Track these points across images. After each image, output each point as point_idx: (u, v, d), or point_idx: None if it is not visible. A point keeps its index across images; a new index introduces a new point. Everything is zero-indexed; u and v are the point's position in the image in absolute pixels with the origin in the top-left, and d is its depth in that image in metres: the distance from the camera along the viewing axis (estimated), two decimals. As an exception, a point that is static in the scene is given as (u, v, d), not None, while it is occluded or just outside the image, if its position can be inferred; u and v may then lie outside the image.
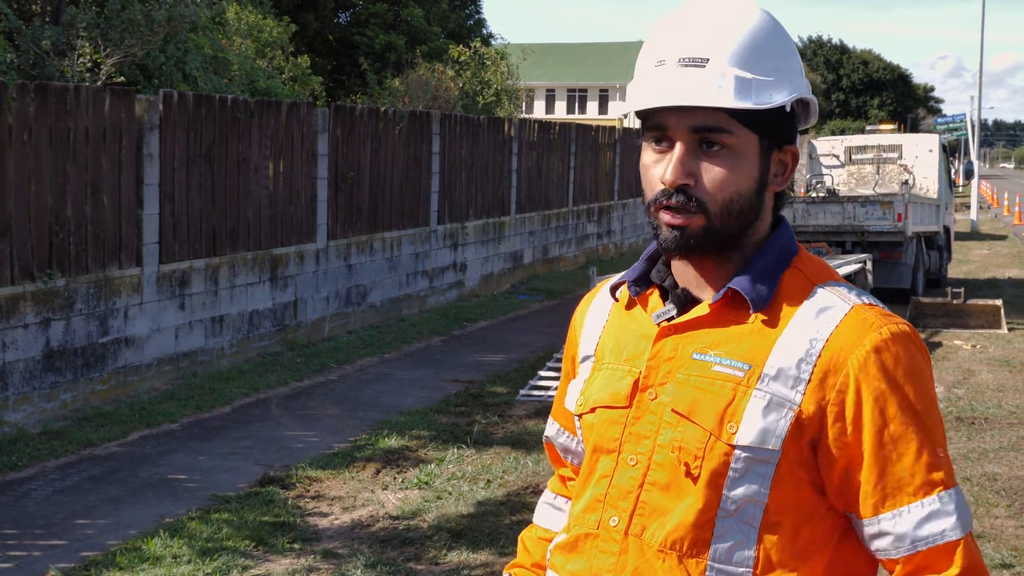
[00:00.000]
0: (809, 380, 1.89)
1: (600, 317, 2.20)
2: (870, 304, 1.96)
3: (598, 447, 2.08)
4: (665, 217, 1.97)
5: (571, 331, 2.30)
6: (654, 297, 2.10)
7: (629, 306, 2.13)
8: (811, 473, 1.92)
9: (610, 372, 2.10)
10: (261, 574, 6.28)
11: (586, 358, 2.20)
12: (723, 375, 1.94)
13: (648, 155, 1.99)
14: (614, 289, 2.17)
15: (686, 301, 2.04)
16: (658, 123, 1.96)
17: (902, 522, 1.87)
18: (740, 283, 1.96)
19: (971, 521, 1.89)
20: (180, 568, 6.27)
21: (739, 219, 1.97)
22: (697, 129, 1.92)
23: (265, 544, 6.69)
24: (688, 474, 1.94)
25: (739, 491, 1.91)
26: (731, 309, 1.98)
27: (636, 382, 2.03)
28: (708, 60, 1.90)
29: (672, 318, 2.03)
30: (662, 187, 1.96)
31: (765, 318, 1.96)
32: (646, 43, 2.01)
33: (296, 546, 6.68)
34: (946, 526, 1.86)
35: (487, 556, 6.58)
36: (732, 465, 1.91)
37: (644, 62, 1.98)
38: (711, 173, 1.93)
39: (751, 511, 1.91)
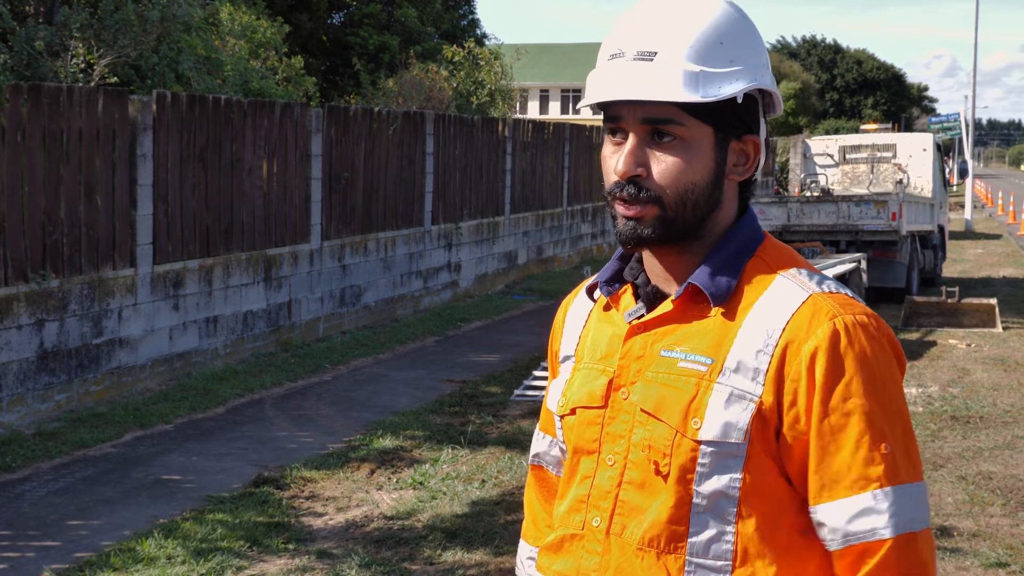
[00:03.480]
0: (767, 371, 1.89)
1: (580, 317, 2.21)
2: (830, 292, 1.94)
3: (579, 448, 2.09)
4: (620, 208, 1.99)
5: (553, 331, 2.31)
6: (627, 296, 2.10)
7: (606, 307, 2.14)
8: (780, 463, 1.92)
9: (586, 372, 2.11)
10: (255, 574, 6.27)
11: (566, 358, 2.21)
12: (688, 371, 1.94)
13: (607, 147, 2.01)
14: (591, 290, 2.18)
15: (655, 298, 2.05)
16: (613, 115, 1.98)
17: (834, 515, 1.87)
18: (699, 277, 1.96)
19: (914, 522, 1.86)
20: (174, 569, 6.26)
21: (695, 210, 1.97)
22: (648, 120, 1.94)
23: (259, 544, 6.68)
24: (658, 472, 1.94)
25: (709, 486, 1.91)
26: (693, 304, 1.98)
27: (610, 382, 2.04)
28: (657, 53, 1.91)
29: (642, 316, 2.04)
30: (616, 178, 1.98)
31: (726, 310, 1.95)
32: (605, 37, 2.02)
33: (290, 546, 6.67)
34: (877, 524, 1.84)
35: (482, 556, 6.57)
36: (699, 460, 1.91)
37: (600, 55, 2.00)
38: (662, 164, 1.94)
39: (724, 505, 1.91)
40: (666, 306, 2.00)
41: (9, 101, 8.93)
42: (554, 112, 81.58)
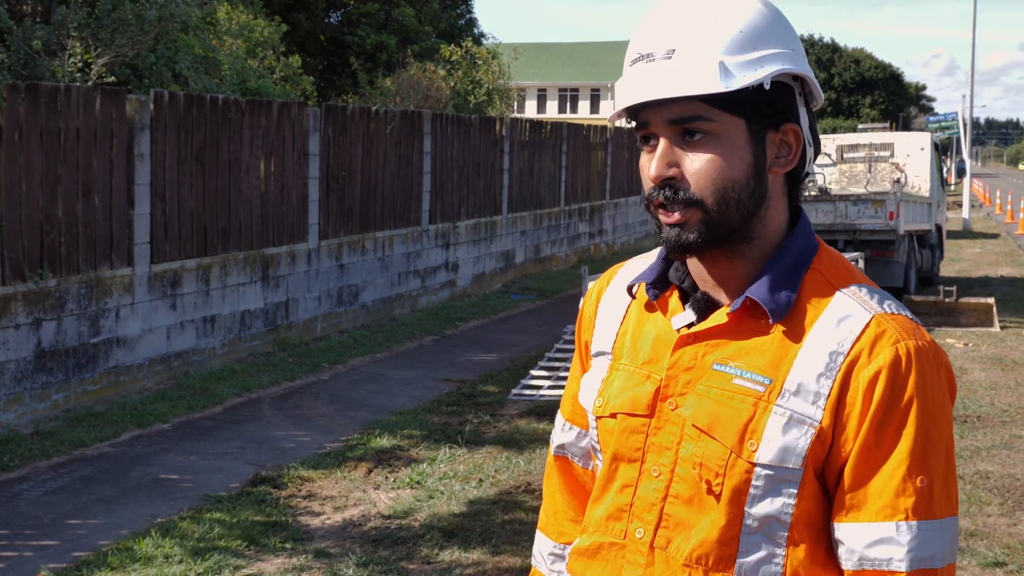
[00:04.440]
0: (829, 395, 1.84)
1: (617, 311, 2.14)
2: (892, 313, 1.88)
3: (619, 455, 2.02)
4: (662, 216, 1.91)
5: (583, 319, 2.22)
6: (673, 299, 2.03)
7: (649, 307, 2.07)
8: (824, 480, 1.89)
9: (627, 375, 2.04)
10: (253, 574, 6.27)
11: (601, 353, 2.13)
12: (744, 389, 1.89)
13: (643, 157, 1.95)
14: (629, 287, 2.10)
15: (706, 306, 1.98)
16: (643, 122, 1.92)
17: (854, 536, 1.83)
18: (758, 291, 1.90)
19: (934, 559, 1.82)
20: (171, 568, 6.26)
21: (739, 207, 1.89)
22: (675, 121, 1.88)
23: (257, 544, 6.67)
24: (710, 491, 1.90)
25: (761, 508, 1.87)
26: (750, 318, 1.92)
27: (657, 390, 1.97)
28: (675, 50, 1.85)
29: (692, 324, 1.97)
30: (652, 184, 1.91)
31: (785, 328, 1.89)
32: (629, 44, 1.97)
33: (288, 545, 6.67)
34: (894, 555, 1.81)
35: (479, 555, 6.57)
36: (753, 483, 1.87)
37: (625, 63, 1.95)
38: (696, 164, 1.88)
39: (775, 528, 1.87)
40: (720, 317, 1.94)
41: (6, 100, 8.93)
42: (552, 111, 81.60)
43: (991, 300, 15.66)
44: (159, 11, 13.13)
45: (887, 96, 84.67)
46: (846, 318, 1.87)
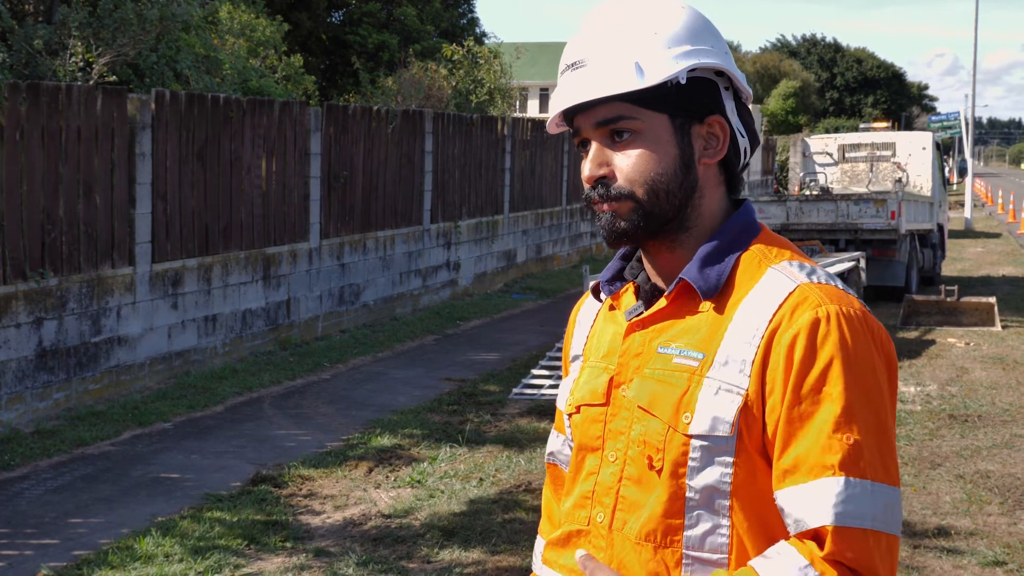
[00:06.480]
0: (753, 361, 1.88)
1: (589, 318, 2.24)
2: (819, 283, 1.92)
3: (583, 445, 2.10)
4: (597, 208, 2.03)
5: (568, 331, 2.33)
6: (628, 294, 2.13)
7: (611, 306, 2.16)
8: (767, 457, 1.90)
9: (591, 370, 2.13)
10: (253, 572, 6.27)
11: (575, 358, 2.24)
12: (681, 366, 1.95)
13: (582, 163, 2.06)
14: (596, 291, 2.20)
15: (653, 295, 2.07)
16: (576, 128, 2.04)
17: (790, 502, 1.83)
18: (689, 272, 1.98)
19: (865, 518, 1.78)
20: (172, 567, 6.26)
21: (669, 197, 1.99)
22: (601, 124, 2.00)
23: (257, 543, 6.68)
24: (651, 467, 1.95)
25: (700, 480, 1.90)
26: (686, 299, 1.99)
27: (611, 379, 2.06)
28: (596, 57, 1.97)
29: (640, 313, 2.06)
30: (588, 185, 2.03)
31: (716, 305, 1.96)
32: None
33: (288, 544, 6.68)
34: (821, 511, 1.79)
35: (479, 554, 6.58)
36: (691, 455, 1.91)
37: (558, 74, 2.06)
38: (625, 161, 1.99)
39: (717, 499, 1.90)
40: (661, 302, 2.01)
41: (8, 100, 8.94)
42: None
43: (992, 299, 15.65)
44: (160, 11, 13.13)
45: (889, 96, 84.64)
46: (772, 290, 1.93)
